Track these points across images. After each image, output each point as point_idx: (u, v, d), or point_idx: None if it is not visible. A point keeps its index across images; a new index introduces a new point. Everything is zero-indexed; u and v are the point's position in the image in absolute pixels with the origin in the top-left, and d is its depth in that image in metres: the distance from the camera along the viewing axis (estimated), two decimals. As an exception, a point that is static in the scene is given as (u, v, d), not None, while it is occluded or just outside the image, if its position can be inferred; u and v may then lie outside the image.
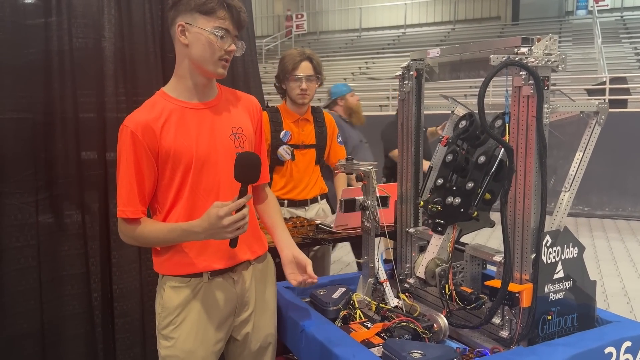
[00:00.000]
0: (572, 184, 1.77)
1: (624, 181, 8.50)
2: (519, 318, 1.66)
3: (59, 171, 2.25)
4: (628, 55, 13.45)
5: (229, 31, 1.69)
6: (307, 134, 3.07)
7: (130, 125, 1.66)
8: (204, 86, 1.76)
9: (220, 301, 1.78)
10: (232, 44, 1.71)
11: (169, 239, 1.70)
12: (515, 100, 1.64)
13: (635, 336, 1.71)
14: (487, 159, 1.83)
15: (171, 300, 1.75)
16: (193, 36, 1.68)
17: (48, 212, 2.22)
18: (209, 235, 1.60)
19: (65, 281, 2.30)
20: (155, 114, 1.69)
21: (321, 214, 3.14)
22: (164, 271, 1.79)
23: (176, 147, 1.68)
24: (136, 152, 1.65)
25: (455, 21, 19.55)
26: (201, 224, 1.59)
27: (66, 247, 2.29)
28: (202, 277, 1.75)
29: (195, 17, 1.67)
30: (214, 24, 1.66)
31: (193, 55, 1.69)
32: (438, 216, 1.96)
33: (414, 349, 1.56)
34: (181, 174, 1.70)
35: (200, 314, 1.75)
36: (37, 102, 2.18)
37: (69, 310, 2.31)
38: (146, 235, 1.70)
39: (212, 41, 1.66)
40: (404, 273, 2.19)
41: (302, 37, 20.74)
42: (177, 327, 1.75)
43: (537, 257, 1.63)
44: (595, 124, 1.78)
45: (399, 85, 2.16)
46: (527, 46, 1.62)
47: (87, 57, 2.27)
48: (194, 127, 1.73)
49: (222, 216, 1.53)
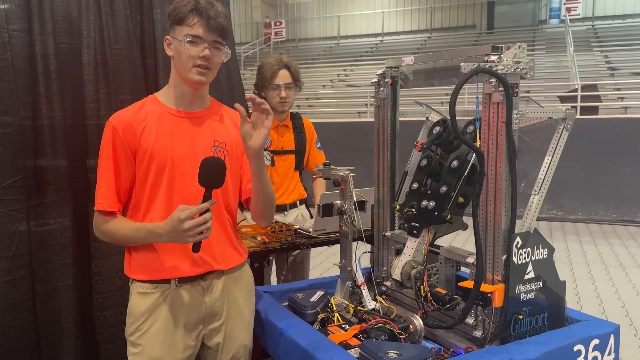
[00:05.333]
0: (541, 187, 1.83)
1: (596, 186, 8.70)
2: (491, 318, 1.71)
3: (49, 177, 2.22)
4: (599, 63, 13.78)
5: (200, 37, 1.71)
6: (286, 140, 3.10)
7: (114, 121, 1.73)
8: (191, 96, 1.80)
9: (187, 308, 1.78)
10: (205, 50, 1.71)
11: (135, 237, 1.73)
12: (485, 107, 1.69)
13: (603, 334, 1.77)
14: (459, 164, 1.89)
15: (137, 307, 1.77)
16: (174, 47, 1.75)
17: (39, 219, 2.19)
18: (172, 239, 1.62)
19: (62, 291, 2.26)
20: (140, 115, 1.75)
21: (300, 219, 3.17)
22: (132, 274, 1.80)
23: (153, 147, 1.73)
24: (115, 148, 1.71)
25: (432, 29, 19.81)
26: (164, 226, 1.62)
27: (61, 256, 2.25)
28: (169, 284, 1.76)
29: (174, 28, 1.74)
30: (185, 31, 1.71)
31: (176, 66, 1.77)
32: (413, 219, 2.00)
33: (390, 349, 1.59)
34: (154, 174, 1.73)
35: (167, 320, 1.76)
36: (24, 107, 2.16)
37: (65, 321, 2.26)
38: (114, 231, 1.73)
39: (183, 49, 1.71)
40: (381, 276, 2.23)
41: (281, 44, 20.78)
42: (143, 334, 1.76)
43: (508, 258, 1.68)
44: (563, 129, 1.85)
45: (374, 92, 2.21)
46: (497, 54, 1.67)
47: (70, 62, 2.26)
48: (173, 132, 1.77)
49: (183, 219, 1.55)
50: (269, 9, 21.99)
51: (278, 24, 20.88)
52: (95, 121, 2.30)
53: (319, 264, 5.92)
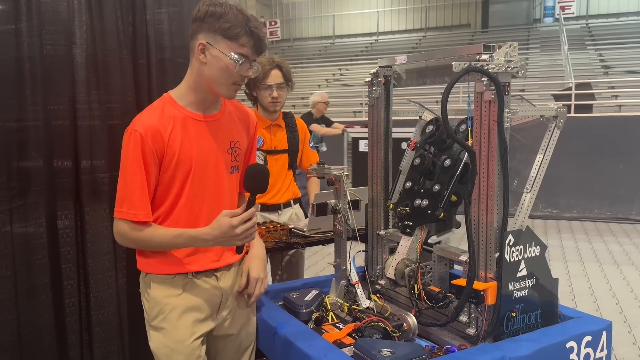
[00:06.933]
0: (533, 185, 1.84)
1: (590, 184, 8.73)
2: (484, 315, 1.72)
3: (32, 179, 2.22)
4: (593, 61, 13.83)
5: (248, 57, 1.70)
6: (279, 140, 3.11)
7: (140, 129, 1.68)
8: (210, 101, 1.81)
9: (204, 296, 1.82)
10: (249, 70, 1.73)
11: (174, 244, 1.74)
12: (477, 105, 1.70)
13: (595, 331, 1.78)
14: (452, 162, 1.89)
15: (159, 292, 1.80)
16: (212, 57, 1.68)
17: (22, 221, 2.20)
18: (218, 243, 1.68)
19: (40, 290, 2.27)
20: (164, 120, 1.72)
21: (294, 218, 3.17)
22: (149, 269, 1.82)
23: (180, 154, 1.72)
24: (145, 156, 1.68)
25: (427, 28, 19.83)
26: (211, 232, 1.65)
27: (40, 255, 2.26)
28: (187, 275, 1.80)
29: (218, 39, 1.67)
30: (235, 49, 1.67)
31: (208, 75, 1.71)
32: (407, 218, 2.01)
33: (384, 347, 1.60)
34: (180, 181, 1.74)
35: (186, 305, 1.79)
36: (9, 109, 2.16)
37: (45, 320, 2.28)
38: (148, 238, 1.73)
39: (230, 66, 1.68)
40: (375, 275, 2.23)
41: (276, 43, 20.75)
42: (165, 316, 1.79)
43: (500, 255, 1.69)
44: (554, 128, 1.86)
45: (368, 91, 2.22)
46: (488, 53, 1.68)
47: (58, 63, 2.25)
48: (196, 137, 1.76)
49: (236, 225, 1.61)
50: (264, 8, 21.96)
51: (273, 23, 20.85)
52: (87, 121, 2.30)
53: (314, 263, 5.92)
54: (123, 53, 2.41)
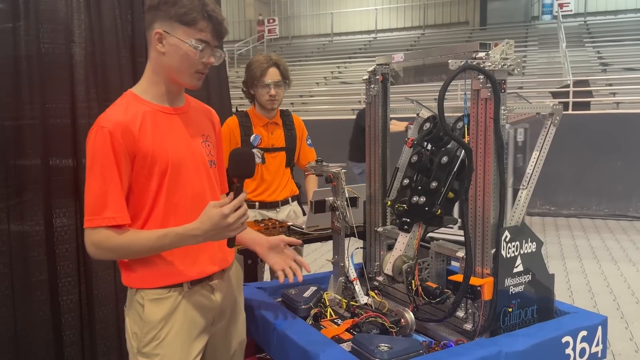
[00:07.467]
0: (529, 182, 1.85)
1: (588, 181, 8.76)
2: (481, 311, 1.73)
3: (29, 177, 2.24)
4: (591, 59, 13.85)
5: (209, 43, 1.61)
6: (276, 137, 3.12)
7: (108, 125, 1.54)
8: (175, 93, 1.71)
9: (201, 310, 1.72)
10: (210, 56, 1.64)
11: (160, 245, 1.59)
12: (474, 103, 1.71)
13: (590, 326, 1.80)
14: (449, 159, 1.91)
15: (153, 314, 1.65)
16: (170, 46, 1.59)
17: (19, 219, 2.21)
18: (209, 237, 1.54)
19: (35, 287, 2.29)
20: (130, 115, 1.59)
21: (292, 215, 3.19)
22: (139, 284, 1.67)
23: (154, 150, 1.60)
24: (116, 154, 1.54)
25: (425, 26, 19.85)
26: (200, 226, 1.51)
27: (36, 252, 2.27)
28: (182, 287, 1.68)
29: (174, 26, 1.58)
30: (194, 35, 1.58)
31: (168, 65, 1.62)
32: (404, 215, 2.02)
33: (381, 342, 1.62)
34: (157, 178, 1.62)
35: (183, 325, 1.67)
36: (6, 107, 2.17)
37: (40, 317, 2.30)
38: (128, 244, 1.58)
39: (191, 54, 1.59)
40: (373, 271, 2.25)
41: (274, 41, 20.75)
42: (160, 342, 1.65)
43: (497, 251, 1.71)
44: (550, 125, 1.87)
45: (365, 89, 2.23)
46: (485, 51, 1.70)
47: (56, 62, 2.26)
48: (169, 131, 1.66)
49: (227, 214, 1.48)
50: (262, 6, 21.96)
51: (271, 21, 20.85)
52: (86, 120, 2.31)
53: (313, 260, 5.93)
54: (122, 51, 2.42)
